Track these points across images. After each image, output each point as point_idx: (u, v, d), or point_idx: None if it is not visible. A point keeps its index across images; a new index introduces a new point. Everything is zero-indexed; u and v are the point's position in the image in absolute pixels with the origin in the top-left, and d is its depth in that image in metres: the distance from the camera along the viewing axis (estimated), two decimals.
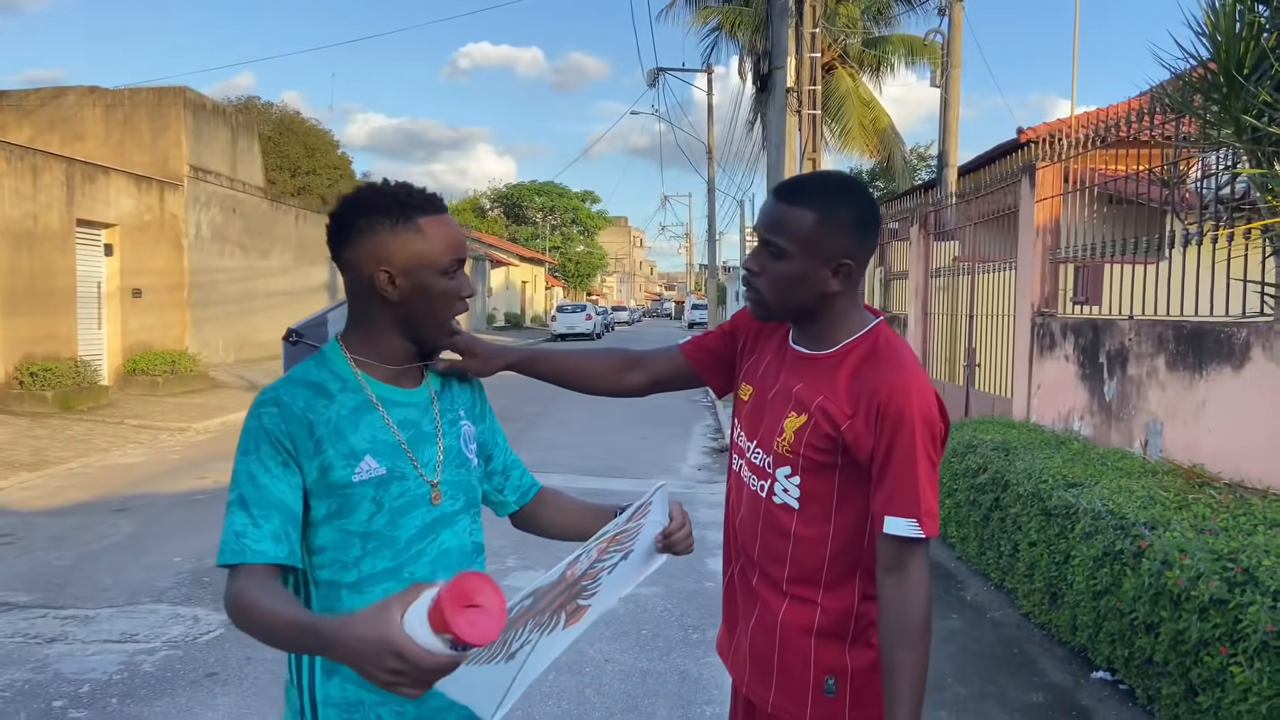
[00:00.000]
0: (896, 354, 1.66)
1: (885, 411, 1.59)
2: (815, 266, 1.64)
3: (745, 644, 1.80)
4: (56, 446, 10.21)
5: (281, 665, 4.47)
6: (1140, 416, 5.46)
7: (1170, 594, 3.31)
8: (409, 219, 1.51)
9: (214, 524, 6.45)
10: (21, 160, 12.78)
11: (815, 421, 1.65)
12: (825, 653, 1.69)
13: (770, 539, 1.73)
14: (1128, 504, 3.93)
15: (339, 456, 1.48)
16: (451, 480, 1.61)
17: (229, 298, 18.75)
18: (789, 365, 1.77)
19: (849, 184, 1.72)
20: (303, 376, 1.55)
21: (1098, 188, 6.37)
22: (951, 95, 13.54)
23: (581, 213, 68.01)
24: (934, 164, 23.94)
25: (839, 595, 1.69)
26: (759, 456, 1.75)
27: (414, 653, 1.13)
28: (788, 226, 1.64)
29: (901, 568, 1.59)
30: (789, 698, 1.71)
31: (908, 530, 1.57)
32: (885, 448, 1.59)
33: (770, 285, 1.68)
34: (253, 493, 1.44)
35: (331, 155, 33.46)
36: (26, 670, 4.32)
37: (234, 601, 1.38)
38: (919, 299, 10.13)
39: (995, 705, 3.91)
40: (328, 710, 1.51)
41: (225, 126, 18.70)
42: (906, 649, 1.56)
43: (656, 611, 5.22)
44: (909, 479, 1.58)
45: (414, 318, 1.55)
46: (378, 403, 1.55)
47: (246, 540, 1.41)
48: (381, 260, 1.51)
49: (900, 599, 1.58)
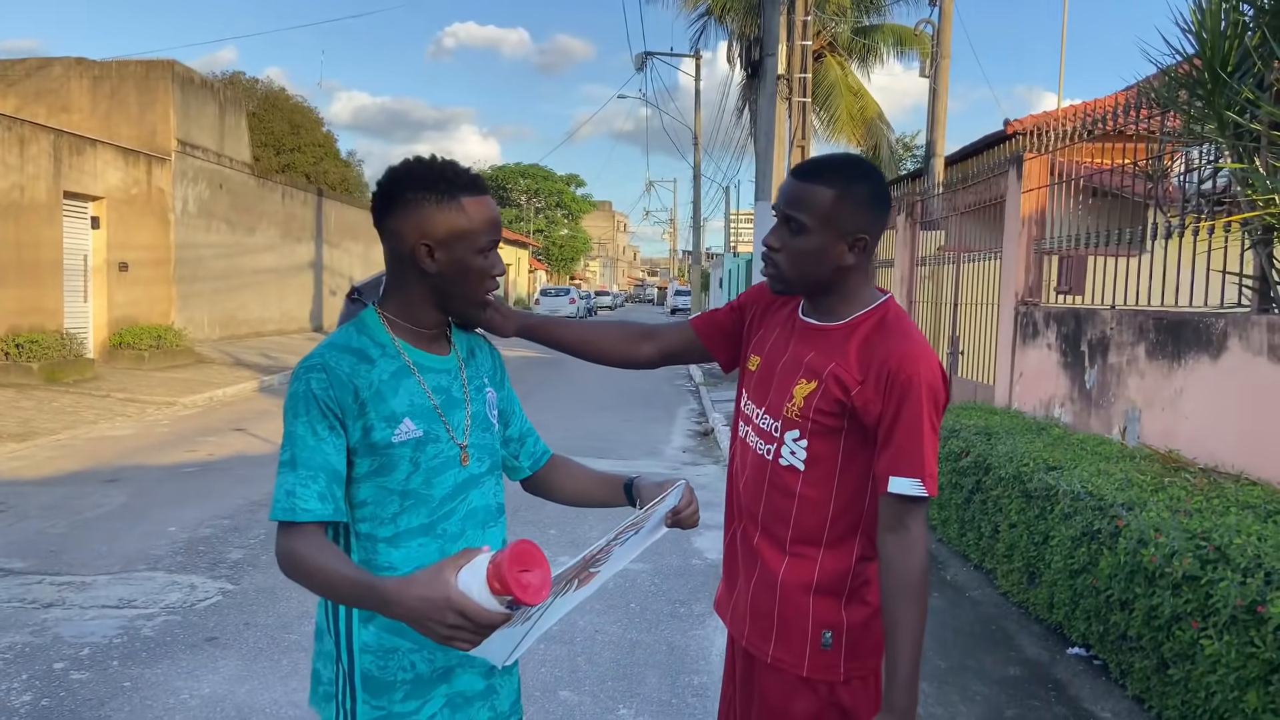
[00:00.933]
0: (904, 326, 1.77)
1: (894, 378, 1.68)
2: (833, 240, 1.74)
3: (745, 600, 1.89)
4: (44, 418, 10.22)
5: (280, 630, 4.56)
6: (1119, 404, 5.61)
7: (1145, 571, 3.44)
8: (453, 196, 1.58)
9: (206, 495, 6.56)
10: (9, 131, 12.71)
11: (826, 387, 1.74)
12: (823, 608, 1.79)
13: (775, 499, 1.82)
14: (1106, 486, 4.07)
15: (380, 419, 1.57)
16: (478, 443, 1.70)
17: (215, 274, 18.70)
18: (799, 336, 1.85)
19: (864, 164, 1.82)
20: (345, 343, 1.62)
21: (1083, 180, 6.50)
22: (940, 86, 13.65)
23: (566, 196, 67.89)
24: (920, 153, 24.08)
25: (838, 555, 1.79)
26: (766, 421, 1.84)
27: (474, 610, 1.29)
28: (808, 203, 1.73)
29: (903, 526, 1.69)
30: (788, 650, 1.81)
31: (912, 489, 1.67)
32: (893, 412, 1.68)
33: (790, 259, 1.77)
34: (302, 454, 1.53)
35: (316, 133, 33.27)
36: (26, 634, 4.39)
37: (287, 555, 1.49)
38: (904, 287, 10.26)
39: (974, 678, 4.05)
40: (364, 656, 1.60)
41: (213, 101, 18.60)
42: (908, 603, 1.67)
43: (644, 586, 5.33)
44: (914, 442, 1.68)
45: (448, 290, 1.64)
46: (414, 368, 1.64)
47: (296, 499, 1.50)
48: (424, 233, 1.58)
49: (902, 556, 1.68)
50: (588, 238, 74.89)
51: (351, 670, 1.60)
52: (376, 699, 1.59)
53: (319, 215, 24.53)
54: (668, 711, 3.74)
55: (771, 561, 1.83)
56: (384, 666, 1.59)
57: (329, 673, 1.64)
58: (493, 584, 1.30)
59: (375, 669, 1.59)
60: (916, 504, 1.69)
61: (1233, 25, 4.33)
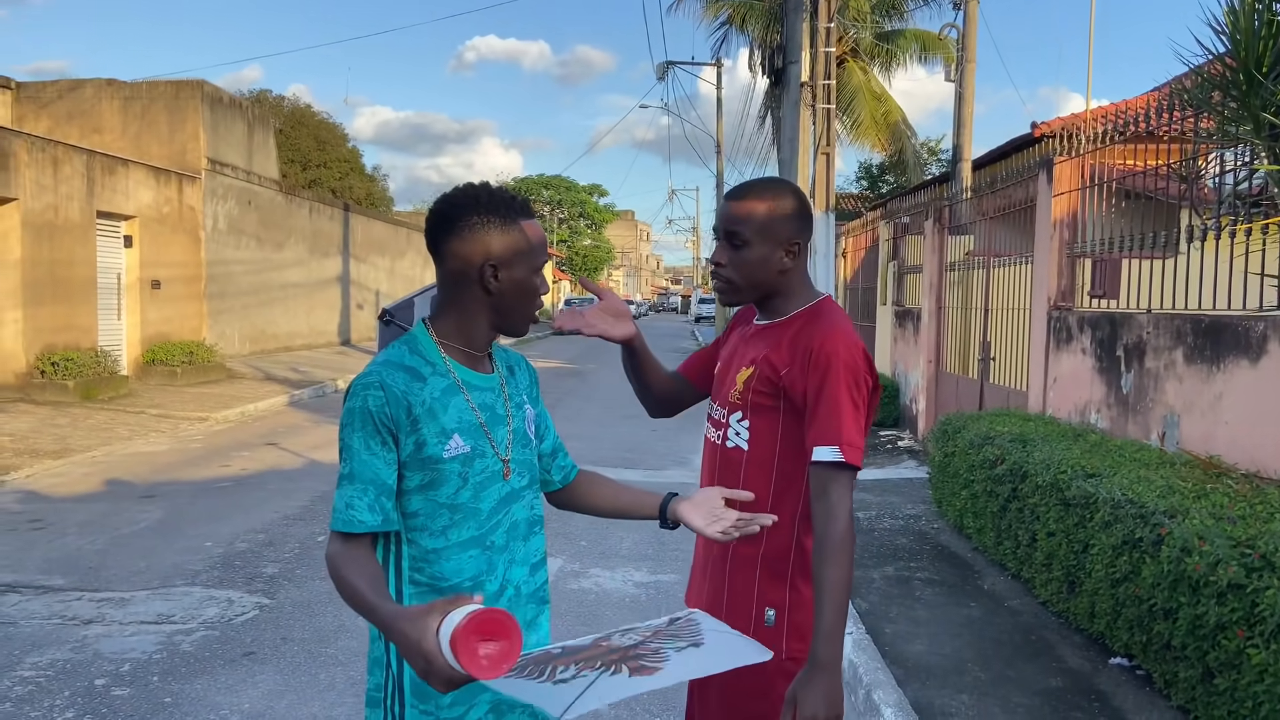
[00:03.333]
0: (833, 317, 1.96)
1: (815, 358, 1.86)
2: (772, 248, 1.96)
3: (704, 579, 2.05)
4: (79, 435, 10.35)
5: (317, 644, 4.59)
6: (1157, 409, 5.54)
7: (1189, 580, 3.39)
8: (514, 221, 1.71)
9: (241, 510, 6.61)
10: (43, 152, 12.92)
11: (759, 370, 1.94)
12: (767, 586, 1.93)
13: (725, 479, 1.98)
14: (1147, 493, 4.01)
15: (432, 435, 1.66)
16: (519, 459, 1.79)
17: (245, 290, 18.90)
18: (750, 337, 2.07)
19: (786, 182, 2.07)
20: (399, 361, 1.70)
21: (1115, 182, 6.43)
22: (966, 90, 13.57)
23: (589, 206, 68.04)
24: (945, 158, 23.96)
25: (779, 534, 1.92)
26: (718, 411, 2.06)
27: (439, 665, 1.35)
28: (745, 219, 1.96)
29: (825, 494, 1.81)
30: (735, 624, 1.90)
31: (831, 456, 1.80)
32: (815, 389, 1.85)
33: (737, 270, 1.99)
34: (359, 468, 1.63)
35: (342, 148, 33.65)
36: (66, 650, 4.44)
37: (332, 562, 1.61)
38: (933, 293, 10.20)
39: (1015, 689, 4.00)
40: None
41: (241, 120, 18.82)
42: (830, 564, 1.76)
43: (677, 598, 5.29)
44: (833, 413, 1.83)
45: (507, 308, 1.74)
46: (462, 386, 1.73)
47: (354, 512, 1.61)
48: (490, 254, 1.69)
49: (824, 521, 1.80)
50: (611, 247, 75.00)
51: (400, 676, 1.67)
52: (424, 704, 1.66)
53: (345, 230, 24.75)
54: None
55: (721, 548, 1.98)
56: None
57: (378, 678, 1.71)
58: (452, 643, 1.33)
59: None
60: (839, 471, 1.81)
61: (1267, 25, 4.27)
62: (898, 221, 12.21)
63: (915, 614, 4.91)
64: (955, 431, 6.58)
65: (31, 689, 4.00)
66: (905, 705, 3.78)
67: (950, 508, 6.59)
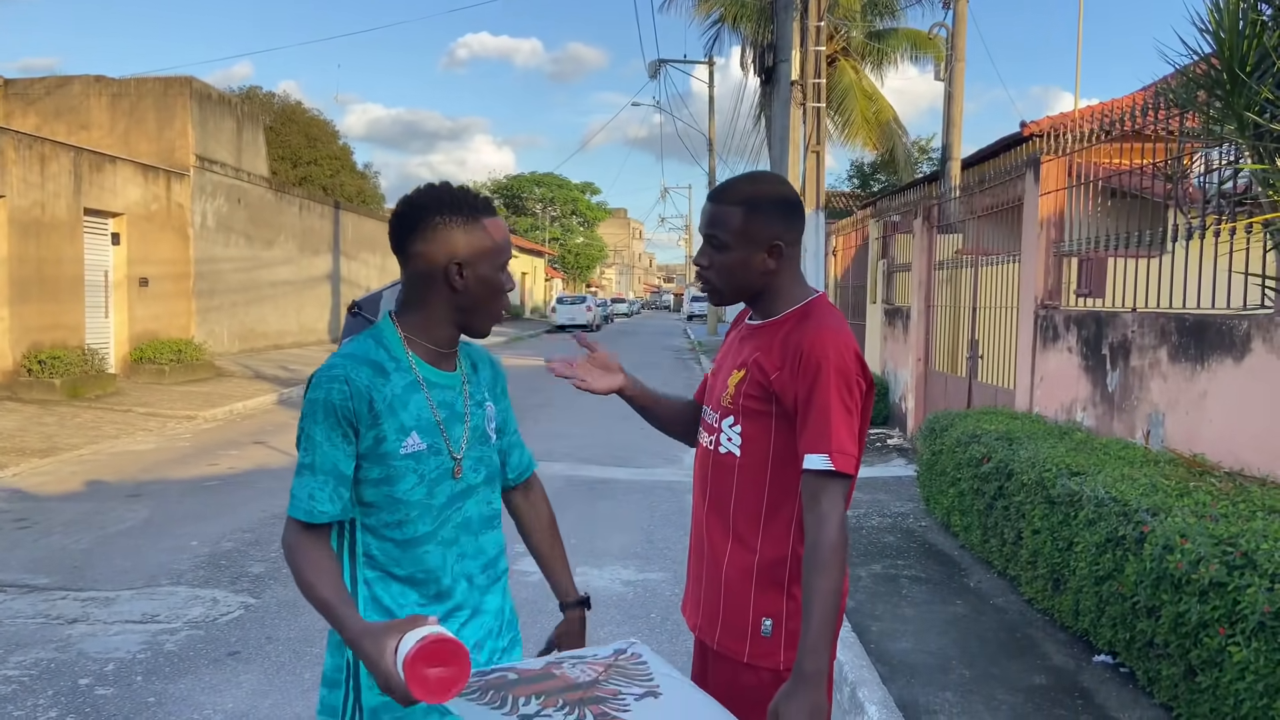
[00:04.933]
0: (823, 317, 1.89)
1: (805, 362, 1.81)
2: (751, 251, 1.91)
3: (699, 590, 2.01)
4: (66, 433, 10.31)
5: (302, 644, 4.57)
6: (1142, 407, 5.56)
7: (1171, 578, 3.40)
8: (476, 220, 1.72)
9: (228, 509, 6.58)
10: (30, 149, 12.85)
11: (750, 373, 1.90)
12: (763, 596, 1.89)
13: (718, 485, 1.96)
14: (1130, 491, 4.03)
15: (392, 430, 1.69)
16: (474, 455, 1.82)
17: (234, 287, 18.83)
18: (742, 339, 2.04)
19: (767, 179, 1.99)
20: (364, 355, 1.72)
21: (1102, 181, 6.45)
22: (955, 89, 13.60)
23: (581, 204, 67.93)
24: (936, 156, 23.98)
25: (775, 541, 1.89)
26: (710, 415, 2.03)
27: (396, 683, 1.42)
28: (723, 223, 1.92)
29: (816, 502, 1.77)
30: (731, 636, 1.91)
31: (821, 464, 1.76)
32: (805, 394, 1.81)
33: (719, 274, 1.95)
34: (320, 459, 1.67)
35: (333, 145, 33.50)
36: (50, 650, 4.42)
37: (292, 552, 1.65)
38: (922, 291, 10.22)
39: (999, 687, 4.01)
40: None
41: (230, 116, 18.75)
42: (819, 575, 1.73)
43: (665, 596, 5.32)
44: (823, 419, 1.78)
45: (472, 306, 1.75)
46: (423, 384, 1.75)
47: (315, 503, 1.65)
48: (455, 253, 1.70)
49: (814, 530, 1.76)
50: (603, 245, 74.92)
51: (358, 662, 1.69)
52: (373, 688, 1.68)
53: (336, 228, 24.68)
54: None
55: (718, 548, 1.95)
56: None
57: (337, 660, 1.74)
58: (402, 668, 1.41)
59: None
60: (831, 480, 1.77)
61: (1251, 25, 4.29)
62: (888, 220, 12.23)
63: (901, 612, 4.92)
64: (943, 430, 6.60)
65: (15, 688, 3.98)
66: (890, 703, 3.79)
67: (938, 506, 6.61)
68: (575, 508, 7.34)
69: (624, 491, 8.06)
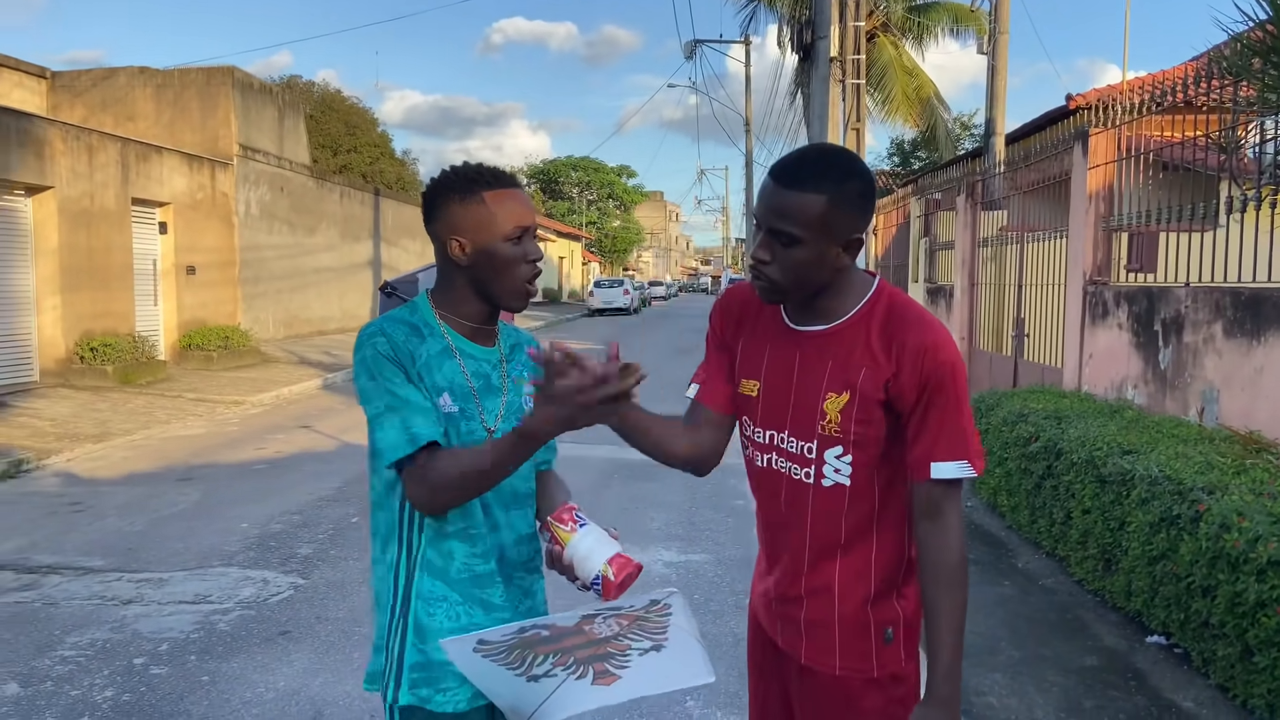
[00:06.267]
0: (916, 309, 1.72)
1: (925, 365, 1.63)
2: (828, 247, 1.64)
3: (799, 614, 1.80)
4: (119, 419, 10.51)
5: (351, 624, 4.63)
6: (1196, 384, 5.44)
7: (1228, 557, 3.33)
8: (474, 193, 1.71)
9: (276, 492, 6.65)
10: (78, 140, 13.07)
11: (861, 395, 1.67)
12: (881, 608, 1.74)
13: (823, 520, 1.74)
14: (1185, 470, 3.94)
15: (430, 388, 1.69)
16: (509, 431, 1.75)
17: (278, 274, 19.06)
18: (804, 347, 1.75)
19: (850, 160, 1.69)
20: (400, 318, 1.75)
21: (1152, 154, 6.30)
22: (999, 62, 13.35)
23: (618, 187, 67.86)
24: (978, 132, 23.61)
25: (889, 552, 1.74)
26: (796, 445, 1.74)
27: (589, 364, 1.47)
28: (797, 214, 1.61)
29: (939, 512, 1.65)
30: (854, 657, 1.75)
31: (959, 471, 1.63)
32: (928, 399, 1.63)
33: (784, 271, 1.66)
34: (398, 400, 1.64)
35: (372, 133, 33.73)
36: (106, 630, 4.52)
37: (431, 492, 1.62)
38: (965, 269, 10.08)
39: (1050, 668, 3.96)
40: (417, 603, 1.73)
41: (272, 105, 18.94)
42: (948, 591, 1.63)
43: (708, 578, 5.31)
44: (955, 423, 1.64)
45: (484, 280, 1.74)
46: (456, 352, 1.76)
47: (412, 428, 1.62)
48: (454, 230, 1.72)
49: (940, 543, 1.64)
50: (640, 228, 74.83)
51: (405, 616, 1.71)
52: (423, 643, 1.69)
53: (376, 214, 24.87)
54: (735, 704, 3.71)
55: (824, 577, 1.76)
56: (432, 614, 1.71)
57: (382, 622, 1.74)
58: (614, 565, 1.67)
59: (425, 616, 1.71)
60: (954, 488, 1.65)
61: None
62: (929, 197, 12.07)
63: None
64: (989, 409, 6.51)
65: (71, 668, 4.07)
66: None
67: (984, 486, 6.53)
68: (617, 489, 7.35)
69: (665, 474, 8.01)
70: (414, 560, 1.73)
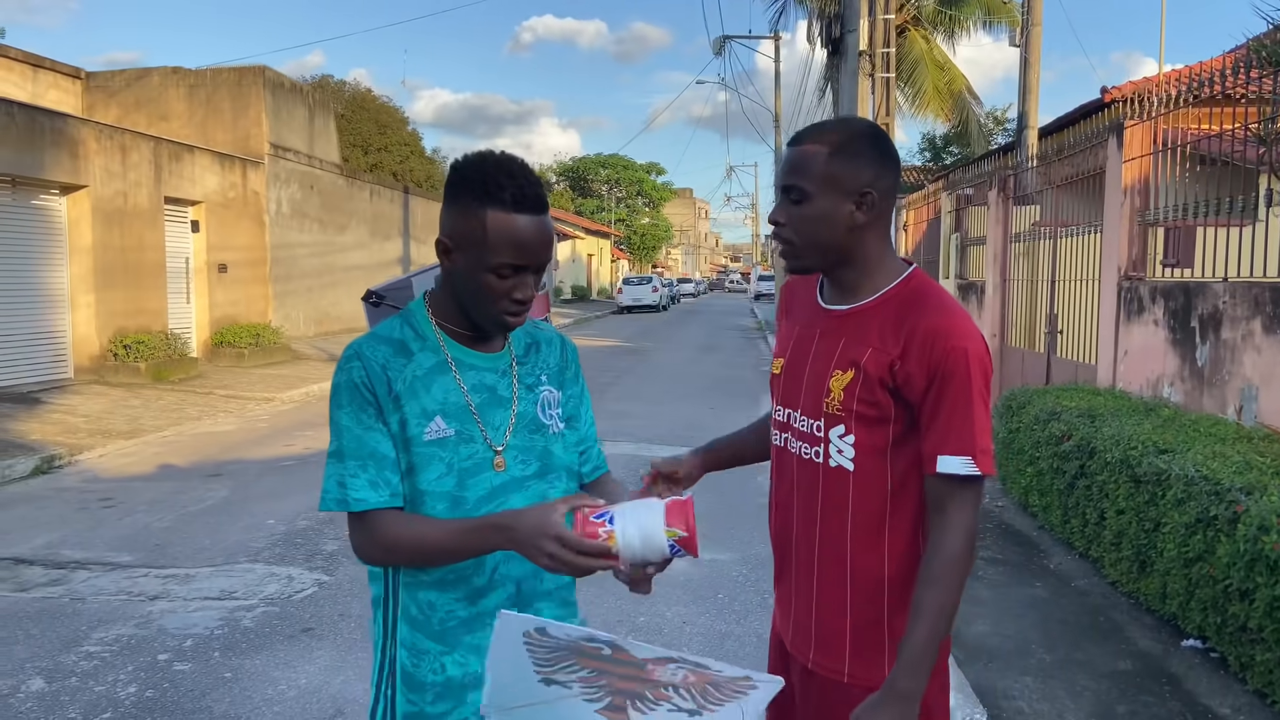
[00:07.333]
0: (940, 296, 1.66)
1: (936, 351, 1.57)
2: (838, 201, 1.64)
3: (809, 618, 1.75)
4: (150, 415, 10.62)
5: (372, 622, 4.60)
6: (1234, 381, 5.31)
7: (1267, 559, 3.23)
8: (478, 206, 1.50)
9: (304, 488, 6.67)
10: (111, 140, 13.22)
11: (864, 374, 1.63)
12: (896, 618, 1.67)
13: (831, 504, 1.70)
14: (1222, 470, 3.84)
15: (414, 414, 1.53)
16: (522, 445, 1.61)
17: (308, 272, 19.20)
18: (824, 326, 1.74)
19: (859, 120, 1.75)
20: (386, 334, 1.60)
21: (1189, 147, 6.16)
22: (1032, 55, 13.15)
23: (646, 185, 67.79)
24: (1011, 127, 23.31)
25: (902, 548, 1.67)
26: (805, 423, 1.72)
27: (571, 538, 1.37)
28: (803, 167, 1.65)
29: (942, 508, 1.59)
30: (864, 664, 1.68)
31: (963, 468, 1.56)
32: (938, 388, 1.58)
33: (797, 230, 1.67)
34: (350, 444, 1.52)
35: (402, 132, 33.95)
36: (131, 626, 4.54)
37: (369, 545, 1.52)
38: (997, 265, 9.93)
39: (1081, 672, 3.87)
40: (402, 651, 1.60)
41: (302, 105, 19.07)
42: (931, 585, 1.56)
43: (731, 577, 5.26)
44: (965, 416, 1.57)
45: (463, 296, 1.57)
46: (453, 364, 1.59)
47: (348, 490, 1.50)
48: (447, 232, 1.54)
49: (938, 537, 1.59)
50: (669, 225, 74.70)
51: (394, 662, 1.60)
52: (413, 694, 1.58)
53: (406, 212, 24.99)
54: None
55: (834, 571, 1.70)
56: (417, 665, 1.58)
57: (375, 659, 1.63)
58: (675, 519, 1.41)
59: (410, 666, 1.59)
60: (962, 485, 1.58)
61: None
62: (960, 192, 11.92)
63: (978, 594, 4.79)
64: (1020, 407, 6.40)
65: (96, 664, 4.10)
66: (967, 688, 3.68)
67: (1015, 485, 6.42)
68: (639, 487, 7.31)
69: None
70: (394, 606, 1.59)
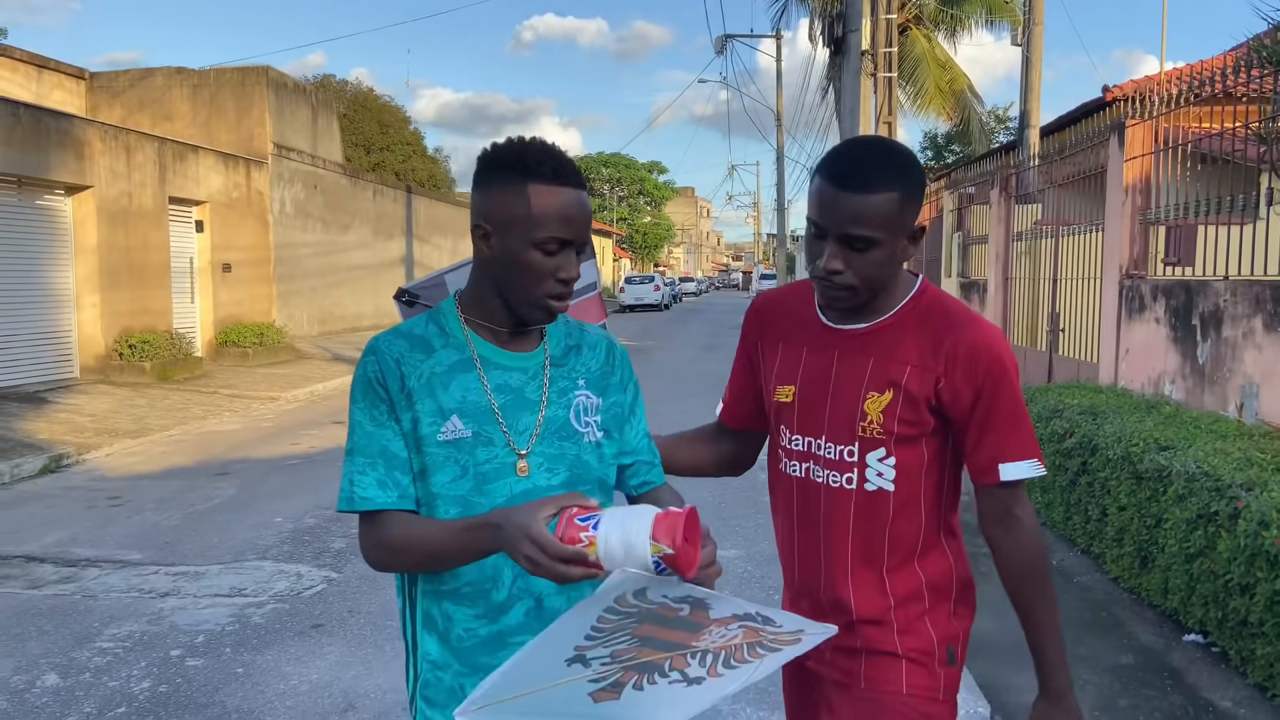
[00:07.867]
0: (958, 305, 1.69)
1: (980, 365, 1.60)
2: (901, 243, 1.60)
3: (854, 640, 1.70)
4: (156, 414, 10.67)
5: (382, 617, 4.66)
6: (1235, 379, 5.35)
7: (1267, 555, 3.27)
8: (520, 181, 1.43)
9: (310, 487, 6.70)
10: (116, 140, 13.27)
11: (906, 394, 1.61)
12: (939, 623, 1.70)
13: (868, 526, 1.67)
14: (1223, 466, 3.88)
15: (427, 413, 1.47)
16: (549, 452, 1.51)
17: (312, 272, 19.26)
18: (842, 347, 1.69)
19: (903, 150, 1.64)
20: (408, 329, 1.53)
21: (1190, 145, 6.20)
22: (1033, 54, 13.18)
23: (648, 184, 67.85)
24: (1013, 126, 23.35)
25: (938, 562, 1.70)
26: (834, 450, 1.67)
27: (548, 541, 1.24)
28: (874, 216, 1.54)
29: (1012, 515, 1.64)
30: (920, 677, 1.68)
31: (1030, 471, 1.61)
32: (988, 400, 1.60)
33: (862, 277, 1.59)
34: (360, 440, 1.48)
35: (404, 131, 33.98)
36: (143, 622, 4.59)
37: (374, 547, 1.46)
38: (999, 264, 9.97)
39: (1085, 667, 3.91)
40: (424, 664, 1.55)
41: (306, 105, 19.13)
42: (1037, 587, 1.65)
43: (738, 573, 5.30)
44: (1020, 423, 1.62)
45: (503, 282, 1.48)
46: (478, 361, 1.51)
47: (356, 489, 1.45)
48: (484, 215, 1.47)
49: (1017, 545, 1.64)
50: (671, 224, 74.77)
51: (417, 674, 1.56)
52: (430, 710, 1.53)
53: (409, 212, 25.05)
54: (766, 700, 3.71)
55: (873, 592, 1.68)
56: (439, 678, 1.53)
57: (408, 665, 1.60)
58: (661, 533, 1.24)
59: (433, 680, 1.54)
60: (1020, 488, 1.64)
61: None
62: (962, 191, 11.95)
63: (981, 590, 4.81)
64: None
65: (110, 659, 4.14)
66: (971, 683, 3.72)
67: None
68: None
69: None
70: (415, 613, 1.55)
